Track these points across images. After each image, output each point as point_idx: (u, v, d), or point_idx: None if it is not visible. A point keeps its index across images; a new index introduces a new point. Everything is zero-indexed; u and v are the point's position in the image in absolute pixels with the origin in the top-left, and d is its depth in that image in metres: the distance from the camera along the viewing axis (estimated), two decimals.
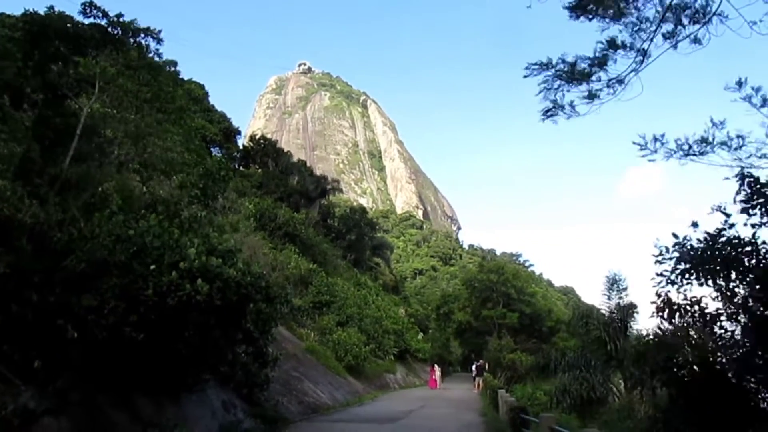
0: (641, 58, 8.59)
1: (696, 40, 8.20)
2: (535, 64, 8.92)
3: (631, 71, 8.70)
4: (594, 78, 8.88)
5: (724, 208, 8.69)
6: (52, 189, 11.58)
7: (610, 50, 8.68)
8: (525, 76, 8.94)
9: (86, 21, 14.22)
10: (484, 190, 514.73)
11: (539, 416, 11.55)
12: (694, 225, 8.89)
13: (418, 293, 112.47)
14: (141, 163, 15.34)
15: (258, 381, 15.55)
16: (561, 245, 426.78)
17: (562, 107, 9.05)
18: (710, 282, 8.67)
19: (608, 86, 8.90)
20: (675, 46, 8.34)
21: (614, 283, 24.07)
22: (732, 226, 8.62)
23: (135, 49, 15.47)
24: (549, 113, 9.15)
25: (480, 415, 21.48)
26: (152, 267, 9.85)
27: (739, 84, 8.35)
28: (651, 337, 11.19)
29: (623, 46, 8.60)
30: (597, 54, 8.74)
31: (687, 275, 8.84)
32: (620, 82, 8.83)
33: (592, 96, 8.94)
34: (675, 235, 8.99)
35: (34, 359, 8.37)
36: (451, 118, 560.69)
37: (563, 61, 8.78)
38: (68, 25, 13.72)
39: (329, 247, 54.54)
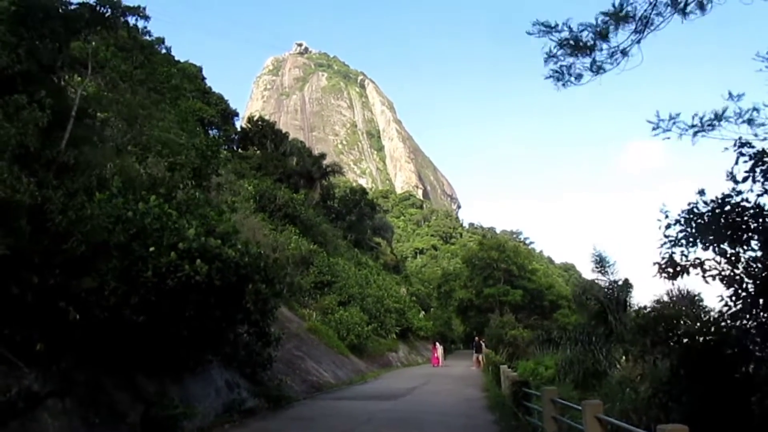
0: (642, 27, 8.50)
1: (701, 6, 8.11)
2: (541, 23, 8.75)
3: (635, 42, 8.64)
4: (597, 49, 8.81)
5: (735, 176, 8.68)
6: (49, 172, 11.48)
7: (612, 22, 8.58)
8: (528, 33, 8.79)
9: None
10: (483, 166, 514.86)
11: (541, 389, 11.61)
12: (701, 193, 8.93)
13: (419, 272, 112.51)
14: (137, 145, 15.23)
15: (261, 360, 15.67)
16: (561, 223, 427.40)
17: (567, 70, 9.01)
18: (715, 248, 8.69)
19: (611, 57, 8.85)
20: (683, 13, 8.22)
21: (601, 261, 24.25)
22: (740, 193, 8.63)
23: (125, 29, 15.24)
24: (554, 76, 9.11)
25: (482, 391, 21.67)
26: (152, 248, 9.84)
27: None
28: (650, 309, 11.20)
29: (626, 17, 8.50)
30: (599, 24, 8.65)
31: (692, 239, 8.88)
32: (624, 53, 8.76)
33: (597, 68, 8.90)
34: (689, 203, 9.07)
35: (36, 341, 8.37)
36: (448, 96, 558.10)
37: (568, 28, 8.67)
38: (56, 3, 13.46)
39: (330, 228, 54.45)
